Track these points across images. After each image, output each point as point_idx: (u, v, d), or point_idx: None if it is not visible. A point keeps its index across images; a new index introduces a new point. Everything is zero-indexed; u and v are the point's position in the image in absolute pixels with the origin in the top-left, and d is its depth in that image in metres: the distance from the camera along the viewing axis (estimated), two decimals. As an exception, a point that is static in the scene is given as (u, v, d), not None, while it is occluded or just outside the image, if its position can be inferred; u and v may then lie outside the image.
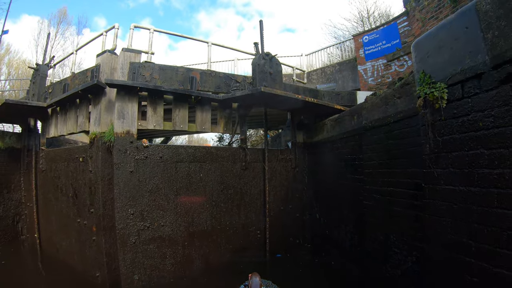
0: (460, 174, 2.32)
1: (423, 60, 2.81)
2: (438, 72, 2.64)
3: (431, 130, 2.56)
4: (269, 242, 6.19)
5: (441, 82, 2.55)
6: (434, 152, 2.56)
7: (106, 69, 5.47)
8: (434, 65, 2.69)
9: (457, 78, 2.42)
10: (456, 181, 2.35)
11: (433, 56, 2.71)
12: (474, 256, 2.20)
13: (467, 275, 2.24)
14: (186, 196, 5.45)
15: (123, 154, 5.01)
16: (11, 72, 22.86)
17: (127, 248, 4.97)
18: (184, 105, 5.59)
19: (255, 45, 6.42)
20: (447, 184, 2.44)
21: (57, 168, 6.50)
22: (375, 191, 4.19)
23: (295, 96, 5.57)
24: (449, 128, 2.44)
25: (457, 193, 2.34)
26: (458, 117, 2.38)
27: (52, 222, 6.73)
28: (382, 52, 10.75)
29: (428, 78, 2.66)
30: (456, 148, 2.37)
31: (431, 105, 2.55)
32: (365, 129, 4.53)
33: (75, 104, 6.10)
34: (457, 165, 2.35)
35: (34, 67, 7.98)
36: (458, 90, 2.41)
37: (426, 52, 2.81)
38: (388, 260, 3.90)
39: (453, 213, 2.37)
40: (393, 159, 3.83)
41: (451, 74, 2.49)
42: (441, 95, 2.43)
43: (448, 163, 2.44)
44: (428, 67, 2.74)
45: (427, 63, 2.77)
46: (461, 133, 2.34)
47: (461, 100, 2.38)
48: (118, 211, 4.93)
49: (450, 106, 2.46)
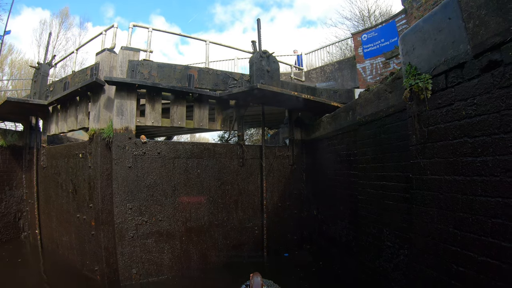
0: (445, 163, 2.35)
1: (409, 53, 2.85)
2: (423, 63, 2.68)
3: (417, 121, 2.60)
4: (267, 238, 6.23)
5: (426, 73, 2.59)
6: (420, 142, 2.60)
7: (105, 67, 5.58)
8: (420, 57, 2.73)
9: (441, 69, 2.46)
10: (442, 171, 2.37)
11: (419, 48, 2.75)
12: (460, 245, 2.22)
13: (453, 264, 2.27)
14: (184, 191, 5.52)
15: (121, 150, 5.10)
16: (13, 72, 23.18)
17: (125, 243, 5.05)
18: (182, 102, 5.67)
19: (253, 43, 6.50)
20: (433, 174, 2.47)
21: (57, 165, 6.62)
22: (369, 186, 4.22)
23: (291, 93, 5.62)
24: (434, 118, 2.47)
25: (442, 182, 2.37)
26: (442, 107, 2.41)
27: (53, 218, 6.85)
28: (381, 50, 10.77)
29: (414, 70, 2.70)
30: (441, 138, 2.40)
31: (417, 96, 2.59)
32: (359, 124, 4.57)
33: (75, 101, 6.22)
34: (442, 155, 2.38)
35: (36, 66, 8.14)
36: (442, 80, 2.45)
37: (412, 45, 2.85)
38: (381, 254, 3.92)
39: (439, 203, 2.40)
40: (386, 153, 3.86)
41: (435, 65, 2.53)
42: (426, 85, 2.46)
43: (434, 153, 2.47)
44: (414, 59, 2.78)
45: (413, 55, 2.81)
46: (446, 122, 2.37)
47: (445, 90, 2.41)
48: (117, 206, 5.01)
49: (434, 97, 2.50)
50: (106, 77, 5.06)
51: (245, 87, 5.45)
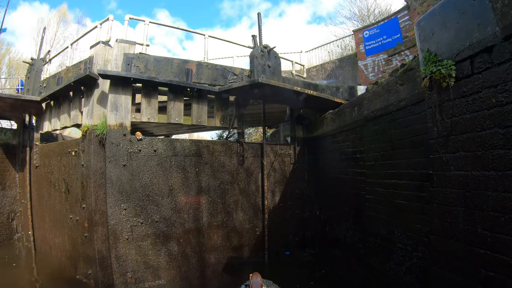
0: (472, 157, 2.12)
1: (427, 39, 2.62)
2: (444, 49, 2.45)
3: (439, 111, 2.37)
4: (268, 239, 5.99)
5: (448, 59, 2.36)
6: (443, 135, 2.36)
7: (99, 61, 5.32)
8: (440, 42, 2.50)
9: (466, 54, 2.23)
10: (468, 166, 2.14)
11: (438, 33, 2.52)
12: (490, 248, 2.00)
13: (482, 268, 2.04)
14: (181, 191, 5.27)
15: (115, 147, 4.84)
16: (11, 72, 22.86)
17: (119, 245, 4.78)
18: (179, 98, 5.42)
19: (253, 38, 6.27)
20: (458, 170, 2.24)
21: (50, 163, 6.34)
22: (378, 184, 3.99)
23: (294, 88, 5.39)
24: (459, 108, 2.24)
25: (469, 178, 2.14)
26: (468, 96, 2.18)
27: (46, 219, 6.57)
28: (383, 47, 10.58)
29: (434, 56, 2.47)
30: (467, 129, 2.17)
31: (438, 85, 2.36)
32: (366, 120, 4.34)
33: (69, 97, 5.96)
34: (469, 148, 2.15)
35: (29, 61, 7.87)
36: (467, 66, 2.22)
37: (430, 30, 2.62)
38: (392, 257, 3.69)
39: (465, 201, 2.17)
40: (396, 150, 3.63)
41: (458, 50, 2.30)
42: (449, 72, 2.23)
43: (459, 147, 2.23)
44: (433, 45, 2.55)
45: (431, 41, 2.58)
46: (472, 112, 2.14)
47: (471, 77, 2.18)
48: (110, 207, 4.75)
49: (458, 85, 2.27)
50: (99, 70, 4.80)
51: (246, 81, 5.21)
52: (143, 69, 5.28)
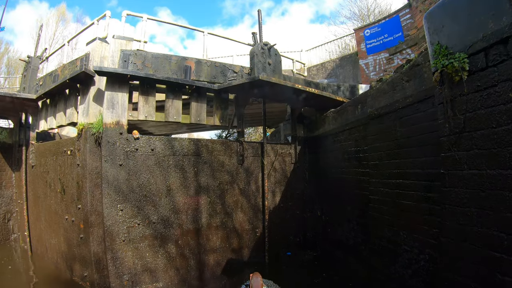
0: (487, 155, 1.99)
1: (437, 31, 2.50)
2: (455, 42, 2.32)
3: (451, 107, 2.24)
4: (268, 241, 5.86)
5: (460, 52, 2.23)
6: (455, 132, 2.24)
7: (95, 58, 5.18)
8: (451, 34, 2.38)
9: (479, 46, 2.11)
10: (483, 164, 2.02)
11: (449, 25, 2.39)
12: (507, 251, 1.87)
13: (498, 273, 1.91)
14: (180, 191, 5.13)
15: (112, 146, 4.70)
16: (10, 72, 22.71)
17: (116, 247, 4.64)
18: (178, 96, 5.29)
19: (253, 35, 6.14)
20: (471, 168, 2.11)
21: (46, 163, 6.21)
22: (382, 184, 3.86)
23: (295, 86, 5.26)
24: (472, 103, 2.12)
25: (484, 178, 2.01)
26: (482, 90, 2.06)
27: (42, 220, 6.44)
28: (384, 46, 10.47)
29: (445, 49, 2.35)
30: (481, 126, 2.05)
31: (450, 79, 2.24)
32: (370, 118, 4.21)
33: (64, 95, 5.82)
34: (484, 145, 2.02)
35: (25, 59, 7.74)
36: (481, 59, 2.10)
37: (440, 22, 2.49)
38: (397, 259, 3.57)
39: (479, 202, 2.04)
40: (402, 148, 3.51)
41: (471, 42, 2.18)
42: (462, 65, 2.11)
43: (472, 144, 2.11)
44: (444, 38, 2.42)
45: (442, 34, 2.45)
46: (487, 107, 2.01)
47: (486, 70, 2.06)
48: (106, 207, 4.61)
49: (472, 78, 2.14)
50: (95, 67, 4.66)
51: (246, 78, 5.08)
52: (141, 66, 5.14)
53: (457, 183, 2.22)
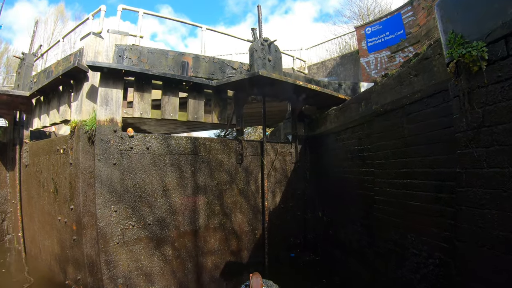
0: (510, 152, 1.81)
1: (451, 19, 2.32)
2: (471, 29, 2.14)
3: (468, 100, 2.06)
4: (268, 242, 5.67)
5: (478, 40, 2.05)
6: (473, 127, 2.05)
7: (89, 53, 4.99)
8: (466, 22, 2.19)
9: (499, 33, 1.93)
10: (505, 162, 1.84)
11: (464, 12, 2.21)
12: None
13: (522, 281, 1.73)
14: (176, 192, 4.94)
15: (105, 145, 4.51)
16: (10, 71, 22.50)
17: (109, 249, 4.46)
18: (174, 92, 5.10)
19: (253, 31, 5.97)
20: (492, 167, 1.93)
21: (39, 162, 6.02)
22: (388, 184, 3.68)
23: (296, 82, 5.08)
24: (492, 95, 1.93)
25: (506, 176, 1.83)
26: (503, 80, 1.88)
27: (35, 221, 6.25)
28: (386, 44, 10.30)
29: (460, 38, 2.17)
30: (502, 119, 1.86)
31: (467, 70, 2.05)
32: (375, 115, 4.02)
33: (58, 92, 5.64)
34: (506, 141, 1.84)
35: (20, 56, 7.56)
36: (501, 47, 1.91)
37: (454, 9, 2.31)
38: (405, 263, 3.38)
39: (501, 203, 1.86)
40: (410, 146, 3.33)
41: (490, 29, 2.00)
42: (481, 54, 1.93)
43: (493, 140, 1.93)
44: (459, 26, 2.24)
45: (456, 22, 2.27)
46: (509, 99, 1.83)
47: (507, 59, 1.88)
48: (100, 208, 4.42)
49: (491, 68, 1.96)
50: (88, 61, 4.47)
51: (245, 74, 4.90)
52: (136, 62, 4.96)
53: (475, 183, 2.03)
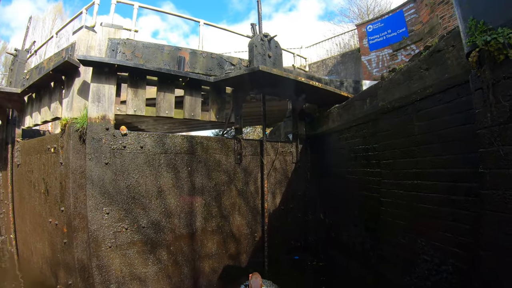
0: (543, 150, 1.61)
1: (471, 4, 2.10)
2: (494, 15, 1.93)
3: (493, 92, 1.84)
4: (268, 245, 5.46)
5: (503, 27, 1.84)
6: (499, 122, 1.84)
7: (81, 47, 4.77)
8: (488, 7, 1.98)
9: (530, 18, 1.72)
10: (538, 161, 1.63)
11: (486, -4, 2.00)
12: None
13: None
14: (172, 193, 4.72)
15: (97, 143, 4.29)
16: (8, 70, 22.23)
17: (101, 254, 4.23)
18: (170, 88, 4.88)
19: (252, 26, 5.76)
20: (521, 166, 1.73)
21: (31, 162, 5.79)
22: (396, 186, 3.46)
23: (297, 78, 4.87)
24: (522, 87, 1.73)
25: (539, 177, 1.63)
26: (535, 70, 1.67)
27: (27, 222, 6.03)
28: (388, 42, 10.10)
29: (482, 24, 1.96)
30: (534, 114, 1.66)
31: (491, 59, 1.84)
32: (382, 112, 3.81)
33: (49, 88, 5.42)
34: (538, 138, 1.64)
35: (13, 52, 7.33)
36: (532, 33, 1.70)
37: (475, -6, 2.10)
38: (414, 269, 3.17)
39: (532, 208, 1.66)
40: (420, 145, 3.12)
41: (518, 14, 1.79)
42: (509, 41, 1.72)
43: (522, 136, 1.72)
44: (480, 12, 2.03)
45: (477, 7, 2.06)
46: (543, 91, 1.63)
47: (539, 46, 1.67)
48: (91, 210, 4.20)
49: (520, 57, 1.75)
50: (79, 56, 4.25)
51: (245, 69, 4.69)
52: (130, 56, 4.74)
53: (502, 185, 1.82)
